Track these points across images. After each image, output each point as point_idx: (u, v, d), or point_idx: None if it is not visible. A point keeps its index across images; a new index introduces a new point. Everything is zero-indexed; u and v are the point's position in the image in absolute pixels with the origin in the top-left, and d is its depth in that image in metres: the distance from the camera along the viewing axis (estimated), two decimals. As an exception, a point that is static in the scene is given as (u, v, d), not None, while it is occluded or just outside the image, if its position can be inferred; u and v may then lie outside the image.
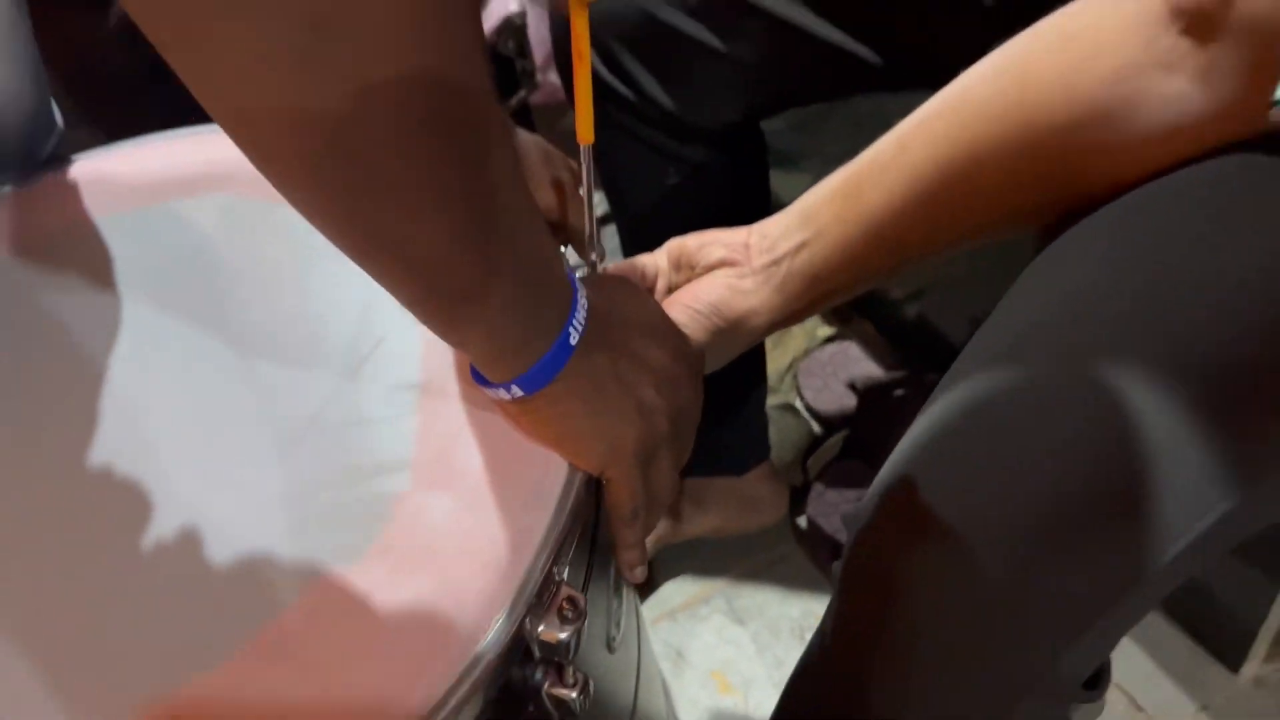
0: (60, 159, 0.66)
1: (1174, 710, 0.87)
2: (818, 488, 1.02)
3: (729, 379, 0.82)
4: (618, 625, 0.55)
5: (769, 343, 1.07)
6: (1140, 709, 0.87)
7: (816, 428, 1.11)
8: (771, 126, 0.78)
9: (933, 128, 0.51)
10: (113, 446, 0.49)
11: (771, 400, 1.05)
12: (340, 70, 0.30)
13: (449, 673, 0.40)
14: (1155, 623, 0.91)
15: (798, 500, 1.03)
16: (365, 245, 0.36)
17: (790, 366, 1.16)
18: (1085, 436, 0.43)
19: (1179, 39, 0.44)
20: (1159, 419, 0.42)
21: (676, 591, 1.01)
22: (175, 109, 0.47)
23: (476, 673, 0.40)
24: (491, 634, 0.41)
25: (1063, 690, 0.48)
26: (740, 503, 0.97)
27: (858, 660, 0.54)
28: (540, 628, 0.43)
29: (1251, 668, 0.87)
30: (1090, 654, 0.47)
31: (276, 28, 0.29)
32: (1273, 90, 0.45)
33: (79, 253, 0.60)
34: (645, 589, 1.00)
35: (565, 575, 0.44)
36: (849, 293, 0.57)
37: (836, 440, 1.09)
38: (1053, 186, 0.49)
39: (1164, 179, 0.46)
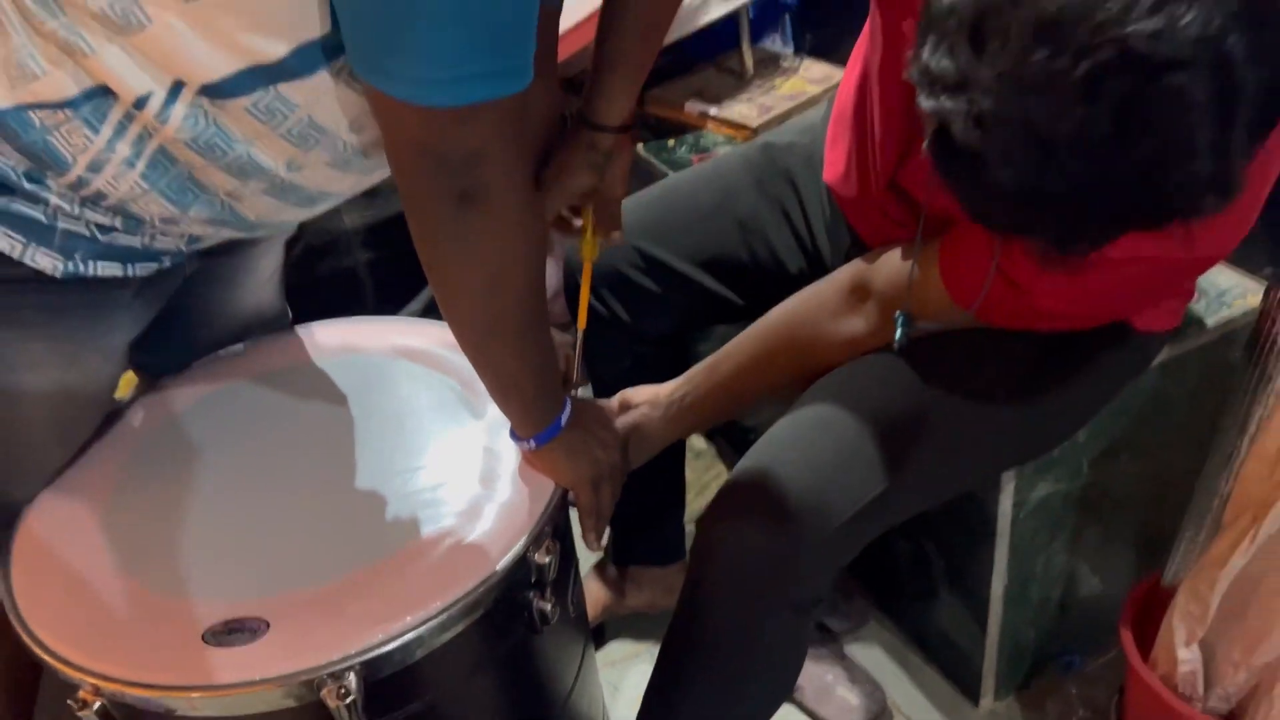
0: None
1: (939, 734, 1.31)
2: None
3: (657, 502, 1.34)
4: (575, 581, 1.02)
5: (691, 490, 1.56)
6: (919, 732, 1.31)
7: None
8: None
9: (748, 343, 1.04)
10: (304, 468, 0.98)
11: (689, 515, 1.53)
12: (495, 307, 0.82)
13: (491, 569, 0.87)
14: (919, 665, 1.36)
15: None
16: (488, 373, 0.87)
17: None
18: (826, 449, 0.94)
19: (853, 303, 0.98)
20: (861, 440, 0.92)
21: (618, 648, 1.45)
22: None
23: (504, 569, 0.88)
24: (512, 553, 0.89)
25: (804, 600, 0.95)
26: (665, 586, 1.42)
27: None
28: (536, 555, 0.91)
29: (986, 702, 1.32)
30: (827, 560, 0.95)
31: (468, 285, 0.81)
32: (895, 330, 0.97)
33: (292, 380, 1.10)
34: (596, 643, 1.44)
35: (551, 531, 0.93)
36: (709, 424, 1.08)
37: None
38: (803, 371, 1.02)
39: (851, 364, 0.99)
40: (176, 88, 0.76)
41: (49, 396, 0.93)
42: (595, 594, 1.42)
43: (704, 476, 1.65)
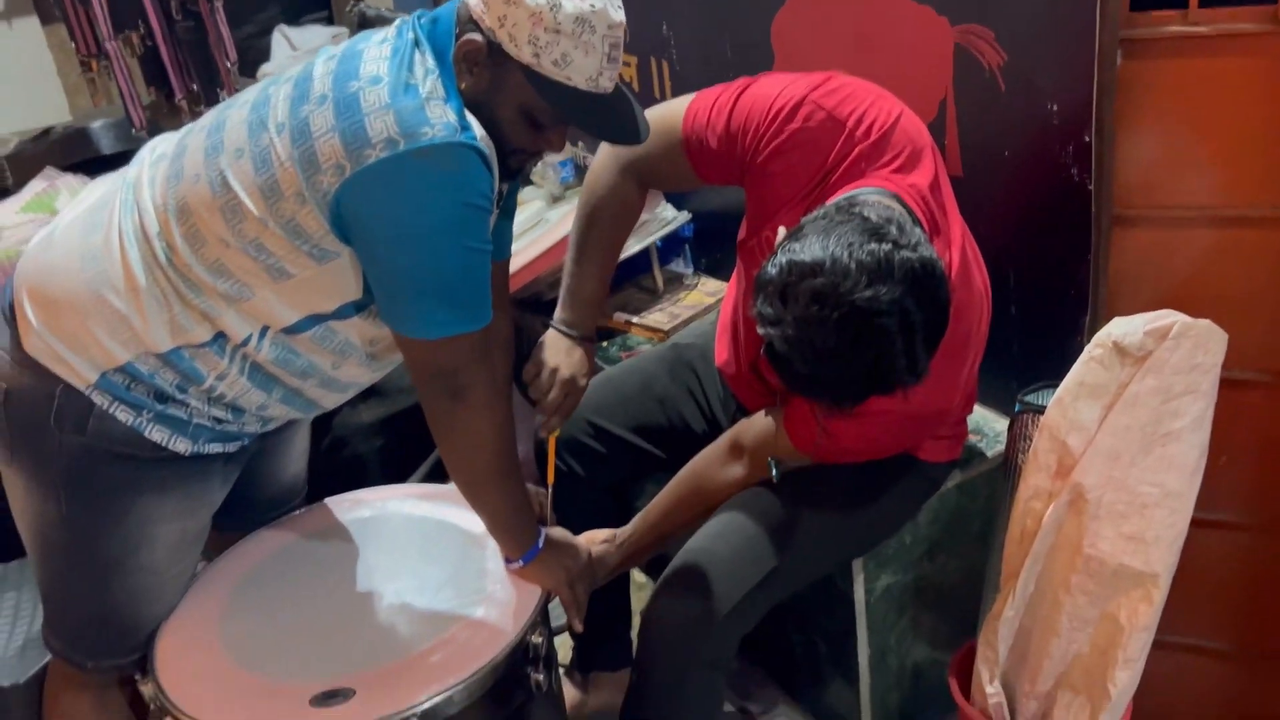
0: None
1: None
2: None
3: (610, 619, 1.78)
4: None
5: (636, 615, 1.97)
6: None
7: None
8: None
9: (667, 494, 1.51)
10: (362, 588, 1.40)
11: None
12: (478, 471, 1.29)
13: (500, 647, 1.29)
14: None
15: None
16: (483, 510, 1.33)
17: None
18: (726, 547, 1.40)
19: (733, 456, 1.46)
20: (751, 540, 1.39)
21: (585, 740, 1.83)
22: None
23: (508, 649, 1.29)
24: (513, 638, 1.31)
25: (717, 658, 1.38)
26: (618, 686, 1.80)
27: None
28: (532, 637, 1.33)
29: (867, 752, 1.72)
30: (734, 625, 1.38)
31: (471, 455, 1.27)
32: (770, 470, 1.44)
33: (343, 531, 1.53)
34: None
35: (541, 620, 1.35)
36: (649, 554, 1.53)
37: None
38: (706, 506, 1.48)
39: (740, 495, 1.45)
40: (264, 330, 1.25)
41: (175, 536, 1.35)
42: (567, 694, 1.81)
43: (644, 605, 2.07)
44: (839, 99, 1.29)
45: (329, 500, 1.61)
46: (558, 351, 1.47)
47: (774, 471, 1.44)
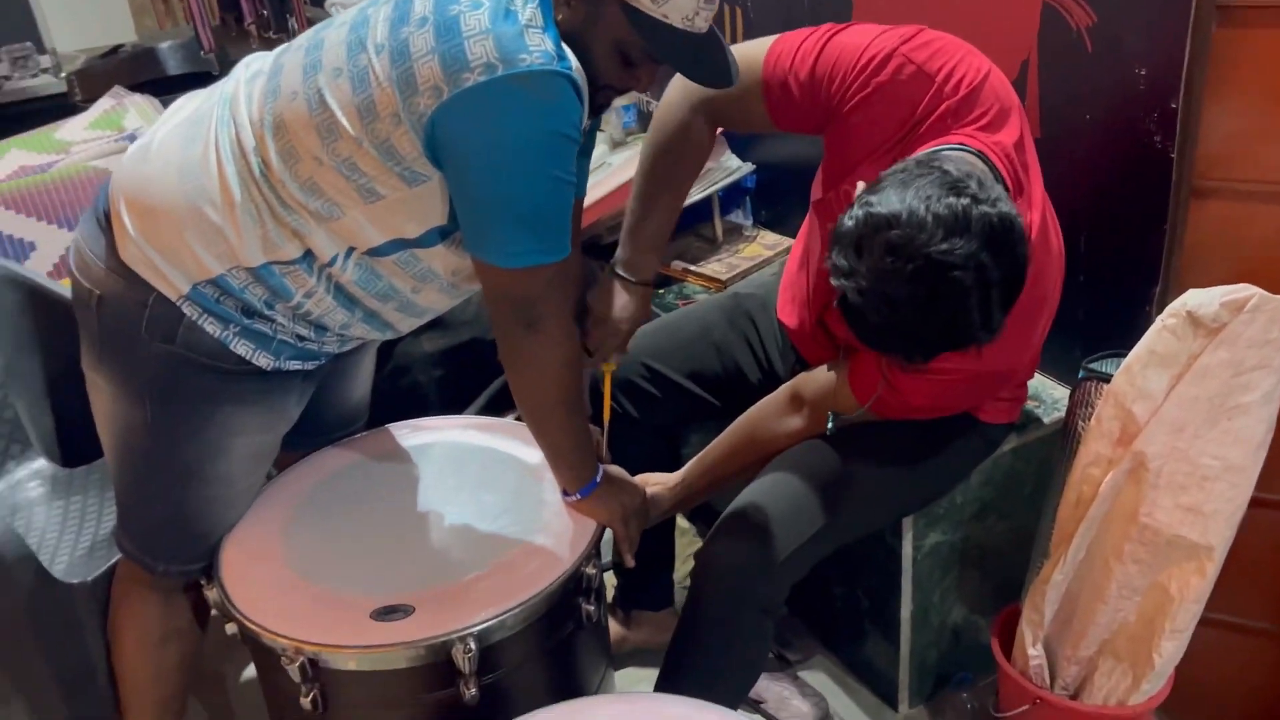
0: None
1: (869, 736, 1.73)
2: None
3: (654, 560, 1.81)
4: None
5: (678, 559, 2.00)
6: (854, 734, 1.73)
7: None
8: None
9: (723, 440, 1.53)
10: (424, 510, 1.43)
11: (676, 576, 1.96)
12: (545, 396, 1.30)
13: (555, 576, 1.31)
14: (853, 684, 1.79)
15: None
16: (545, 441, 1.35)
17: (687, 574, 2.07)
18: (782, 499, 1.42)
19: (792, 408, 1.47)
20: (805, 493, 1.41)
21: (623, 676, 1.86)
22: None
23: (562, 578, 1.32)
24: (568, 567, 1.33)
25: (770, 602, 1.40)
26: (658, 626, 1.85)
27: None
28: (585, 569, 1.35)
29: (903, 709, 1.74)
30: (787, 573, 1.40)
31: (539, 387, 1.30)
32: (826, 423, 1.45)
33: (405, 456, 1.56)
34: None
35: (594, 553, 1.37)
36: (701, 498, 1.55)
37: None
38: (761, 457, 1.50)
39: (797, 447, 1.46)
40: (349, 251, 1.26)
41: (251, 449, 1.39)
42: (609, 630, 1.84)
43: (686, 550, 2.09)
44: (930, 53, 1.28)
45: (391, 426, 1.64)
46: (613, 295, 1.47)
47: (830, 425, 1.45)
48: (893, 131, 1.29)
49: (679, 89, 1.46)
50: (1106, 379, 1.42)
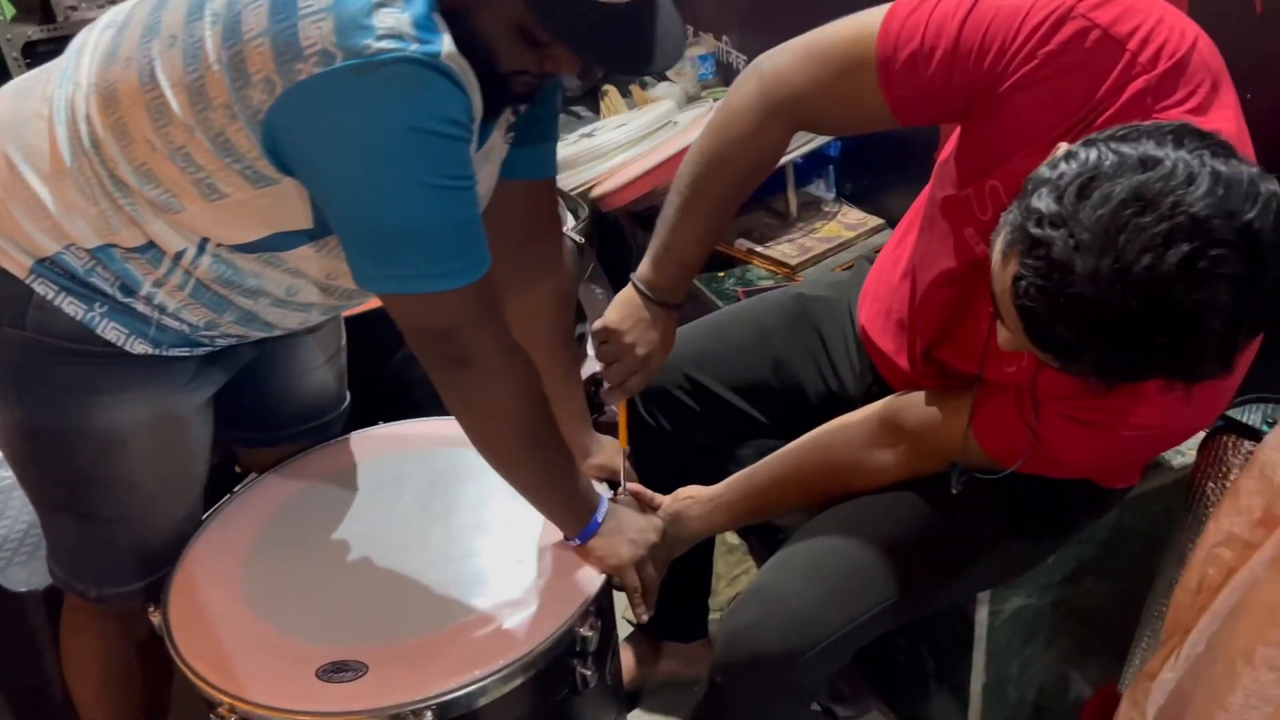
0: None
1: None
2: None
3: (687, 588, 1.56)
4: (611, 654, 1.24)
5: (723, 581, 1.76)
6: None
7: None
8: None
9: (784, 459, 1.26)
10: (395, 544, 1.22)
11: (719, 602, 1.73)
12: (502, 428, 1.07)
13: (543, 636, 1.09)
14: None
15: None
16: (520, 486, 1.12)
17: (732, 598, 1.84)
18: (833, 569, 1.16)
19: (885, 438, 1.19)
20: (866, 561, 1.15)
21: (648, 710, 1.65)
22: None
23: (551, 639, 1.10)
24: (562, 625, 1.11)
25: (806, 687, 1.16)
26: (688, 659, 1.63)
27: None
28: (582, 629, 1.13)
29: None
30: (827, 661, 1.15)
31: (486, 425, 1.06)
32: (929, 465, 1.18)
33: (382, 469, 1.35)
34: (630, 705, 1.64)
35: (595, 610, 1.15)
36: (740, 524, 1.30)
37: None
38: (829, 491, 1.24)
39: (872, 496, 1.20)
40: (203, 244, 1.05)
41: (153, 445, 1.17)
42: (628, 662, 1.62)
43: (734, 570, 1.85)
44: (1117, 12, 0.95)
45: (389, 426, 1.45)
46: (635, 319, 1.22)
47: (955, 481, 1.14)
48: (1065, 115, 0.97)
49: (753, 82, 1.14)
50: (1253, 435, 1.12)
